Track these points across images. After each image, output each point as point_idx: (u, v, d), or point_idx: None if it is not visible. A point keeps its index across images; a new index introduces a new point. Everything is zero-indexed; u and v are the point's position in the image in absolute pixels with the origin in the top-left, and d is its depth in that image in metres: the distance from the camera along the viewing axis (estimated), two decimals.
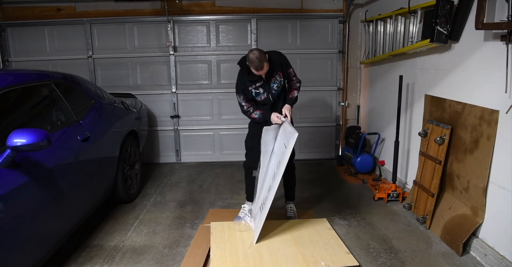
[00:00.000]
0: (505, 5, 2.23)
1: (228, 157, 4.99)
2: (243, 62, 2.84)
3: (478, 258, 2.53)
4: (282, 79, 2.90)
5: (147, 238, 2.93)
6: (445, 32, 2.78)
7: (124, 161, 3.54)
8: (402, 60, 3.77)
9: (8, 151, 1.88)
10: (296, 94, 3.00)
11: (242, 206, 3.16)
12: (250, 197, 3.11)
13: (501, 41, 2.32)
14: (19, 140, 1.83)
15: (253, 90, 2.86)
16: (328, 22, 4.81)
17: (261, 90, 2.87)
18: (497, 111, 2.39)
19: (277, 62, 2.85)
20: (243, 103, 2.90)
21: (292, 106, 2.97)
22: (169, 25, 4.68)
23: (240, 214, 3.09)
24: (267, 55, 2.73)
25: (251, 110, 2.88)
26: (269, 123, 2.89)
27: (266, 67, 2.71)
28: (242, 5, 4.71)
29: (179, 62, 4.84)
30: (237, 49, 4.81)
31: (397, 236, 2.89)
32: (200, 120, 4.98)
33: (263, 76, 2.81)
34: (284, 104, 2.94)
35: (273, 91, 2.88)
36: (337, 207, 3.45)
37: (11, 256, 1.89)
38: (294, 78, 3.00)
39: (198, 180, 4.35)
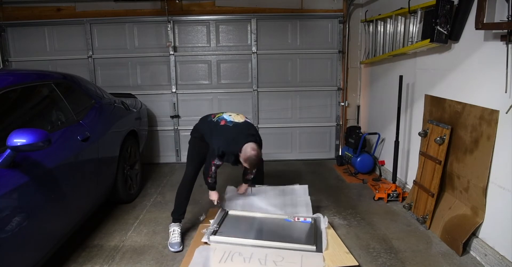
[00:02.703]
0: (505, 5, 2.23)
1: None
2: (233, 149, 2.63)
3: (478, 258, 2.53)
4: None
5: (147, 238, 2.93)
6: (445, 32, 2.78)
7: (124, 161, 3.54)
8: (402, 60, 3.77)
9: (8, 151, 1.88)
10: (252, 177, 3.09)
11: (171, 230, 2.84)
12: (180, 217, 2.92)
13: (501, 41, 2.32)
14: (19, 140, 1.83)
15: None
16: (328, 22, 4.81)
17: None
18: (497, 111, 2.39)
19: None
20: (214, 167, 2.79)
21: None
22: (169, 25, 4.68)
23: (173, 239, 2.78)
24: None
25: (212, 176, 2.88)
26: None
27: None
28: (242, 5, 4.71)
29: (179, 62, 4.84)
30: (237, 49, 4.82)
31: (397, 236, 2.89)
32: None
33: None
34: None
35: None
36: (337, 207, 3.45)
37: (11, 256, 1.89)
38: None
39: (198, 179, 4.24)
